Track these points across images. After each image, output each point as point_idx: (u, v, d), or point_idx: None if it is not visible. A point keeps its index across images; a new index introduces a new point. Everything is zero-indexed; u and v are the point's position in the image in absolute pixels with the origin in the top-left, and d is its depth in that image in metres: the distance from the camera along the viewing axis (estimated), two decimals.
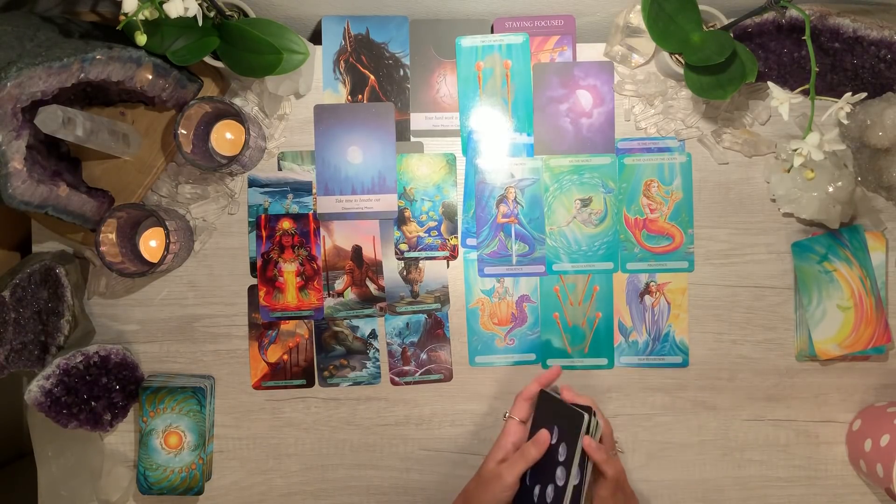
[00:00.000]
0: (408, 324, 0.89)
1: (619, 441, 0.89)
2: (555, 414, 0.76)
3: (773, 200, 0.89)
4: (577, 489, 0.71)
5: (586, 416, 0.72)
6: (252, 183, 0.89)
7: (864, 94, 0.75)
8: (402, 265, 0.89)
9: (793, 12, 0.79)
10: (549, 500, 0.73)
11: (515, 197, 0.89)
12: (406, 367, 0.89)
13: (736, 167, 0.90)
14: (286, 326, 0.89)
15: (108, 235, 0.83)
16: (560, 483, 0.72)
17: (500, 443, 0.77)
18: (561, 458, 0.73)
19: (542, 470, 0.75)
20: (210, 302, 0.90)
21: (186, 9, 0.70)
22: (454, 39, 0.89)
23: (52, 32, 0.75)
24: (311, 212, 0.89)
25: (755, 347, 0.89)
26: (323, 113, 0.89)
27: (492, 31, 0.90)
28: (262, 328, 0.89)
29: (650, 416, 0.89)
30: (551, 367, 0.81)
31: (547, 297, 0.89)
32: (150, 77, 0.79)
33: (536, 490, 0.75)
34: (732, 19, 0.82)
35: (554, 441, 0.74)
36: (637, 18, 0.85)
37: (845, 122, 0.75)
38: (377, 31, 0.90)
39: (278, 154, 0.90)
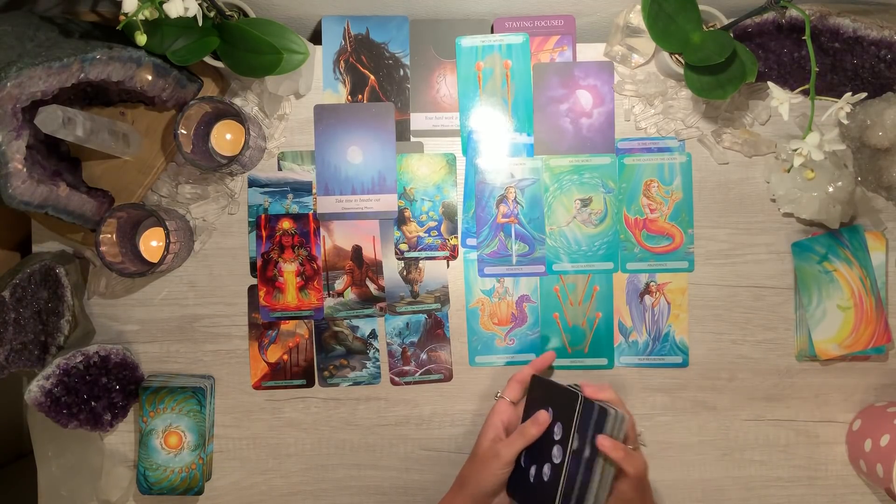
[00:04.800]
0: (408, 324, 0.89)
1: (642, 433, 0.89)
2: (548, 395, 0.78)
3: (773, 200, 0.89)
4: (575, 469, 0.73)
5: (580, 396, 0.74)
6: (252, 183, 0.89)
7: (864, 94, 0.75)
8: (402, 265, 0.89)
9: (793, 12, 0.79)
10: (545, 479, 0.75)
11: (515, 197, 0.89)
12: (406, 367, 0.89)
13: (736, 167, 0.90)
14: (286, 326, 0.89)
15: (108, 235, 0.83)
16: (557, 461, 0.74)
17: (491, 421, 0.79)
18: (556, 437, 0.75)
19: (538, 450, 0.76)
20: (210, 302, 0.90)
21: (186, 9, 0.70)
22: (454, 39, 0.89)
23: (52, 32, 0.75)
24: (311, 212, 0.89)
25: (755, 347, 0.89)
26: (323, 113, 0.89)
27: (492, 31, 0.90)
28: (262, 328, 0.89)
29: (650, 416, 0.89)
30: (545, 353, 0.84)
31: (547, 297, 0.89)
32: (150, 77, 0.79)
33: (532, 470, 0.76)
34: (732, 19, 0.82)
35: (551, 422, 0.76)
36: (637, 18, 0.85)
37: (845, 122, 0.75)
38: (377, 31, 0.90)
39: (278, 154, 0.90)
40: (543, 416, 0.76)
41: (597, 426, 0.72)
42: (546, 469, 0.75)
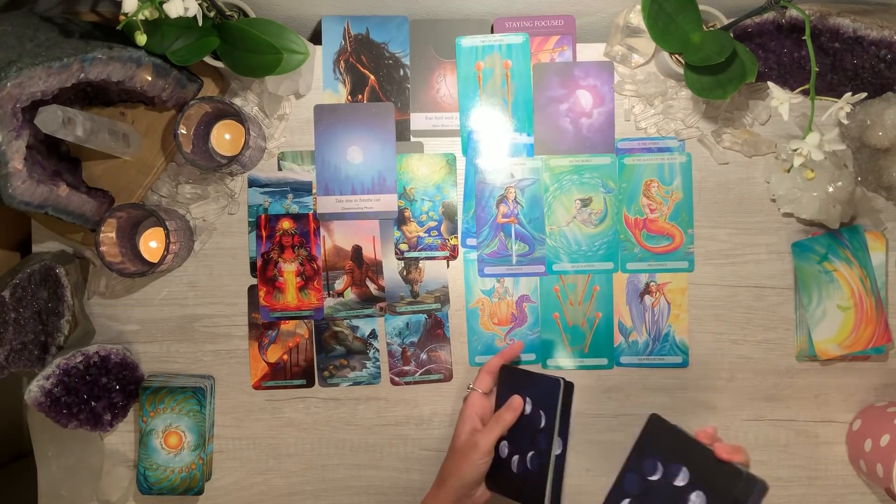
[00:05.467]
0: (408, 324, 0.89)
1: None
2: (525, 384, 0.79)
3: (773, 200, 0.89)
4: (561, 457, 0.73)
5: (562, 382, 0.75)
6: (252, 183, 0.89)
7: (864, 94, 0.75)
8: (402, 265, 0.89)
9: (793, 12, 0.79)
10: (530, 468, 0.76)
11: (515, 197, 0.89)
12: (406, 367, 0.89)
13: (736, 167, 0.90)
14: (286, 326, 0.89)
15: (108, 235, 0.83)
16: (542, 448, 0.76)
17: (465, 413, 0.80)
18: (541, 426, 0.76)
19: (520, 440, 0.78)
20: (210, 302, 0.90)
21: (186, 9, 0.70)
22: (454, 39, 0.89)
23: (52, 32, 0.75)
24: (311, 212, 0.89)
25: (755, 347, 0.89)
26: (323, 113, 0.89)
27: (492, 31, 0.90)
28: (262, 328, 0.89)
29: None
30: (513, 343, 0.86)
31: (547, 297, 0.89)
32: (150, 77, 0.79)
33: (515, 460, 0.77)
34: (732, 19, 0.82)
35: (528, 410, 0.78)
36: (637, 18, 0.85)
37: (845, 122, 0.75)
38: (377, 31, 0.90)
39: (278, 154, 0.90)
40: (517, 402, 0.78)
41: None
42: (530, 457, 0.76)
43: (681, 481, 0.65)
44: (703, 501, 0.63)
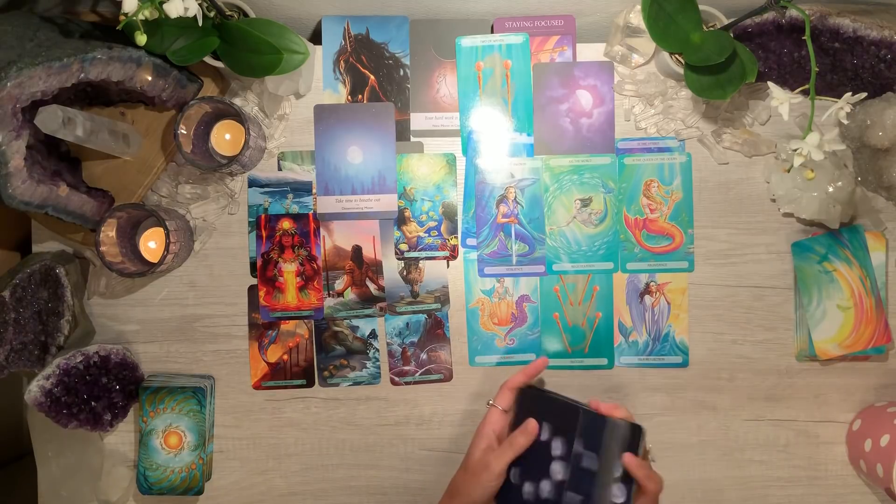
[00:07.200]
0: (408, 324, 0.89)
1: (651, 449, 0.88)
2: (545, 409, 0.76)
3: (773, 200, 0.89)
4: (587, 480, 0.71)
5: (582, 410, 0.72)
6: (252, 183, 0.89)
7: (864, 94, 0.75)
8: (402, 265, 0.89)
9: (793, 12, 0.79)
10: (544, 496, 0.73)
11: (515, 197, 0.89)
12: (406, 367, 0.89)
13: (736, 167, 0.90)
14: (286, 326, 0.89)
15: (108, 235, 0.83)
16: (558, 478, 0.73)
17: (482, 430, 0.77)
18: (557, 454, 0.73)
19: (533, 466, 0.75)
20: (210, 302, 0.90)
21: (186, 9, 0.70)
22: (454, 39, 0.89)
23: (52, 32, 0.75)
24: (311, 212, 0.89)
25: (755, 347, 0.89)
26: (323, 113, 0.89)
27: (492, 31, 0.90)
28: (262, 328, 0.89)
29: (650, 416, 0.89)
30: (538, 359, 0.81)
31: (547, 297, 0.89)
32: (150, 77, 0.79)
33: (527, 487, 0.75)
34: (732, 19, 0.82)
35: (545, 437, 0.74)
36: (637, 18, 0.85)
37: (845, 122, 0.75)
38: (377, 31, 0.90)
39: (278, 154, 0.90)
40: (532, 425, 0.74)
41: (618, 443, 0.70)
42: (545, 486, 0.73)
43: (545, 434, 0.75)
44: (561, 446, 0.73)
